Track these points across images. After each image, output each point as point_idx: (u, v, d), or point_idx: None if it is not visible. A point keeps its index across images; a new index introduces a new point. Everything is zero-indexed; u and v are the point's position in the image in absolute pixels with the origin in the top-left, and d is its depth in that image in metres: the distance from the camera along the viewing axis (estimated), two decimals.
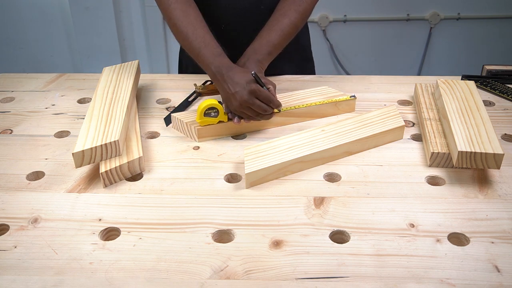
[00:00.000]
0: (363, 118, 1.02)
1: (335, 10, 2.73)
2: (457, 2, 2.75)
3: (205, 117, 0.99)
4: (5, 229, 0.78)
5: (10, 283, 0.68)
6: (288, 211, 0.82)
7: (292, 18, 1.13)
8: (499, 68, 1.32)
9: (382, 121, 1.01)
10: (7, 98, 1.23)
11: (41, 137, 1.05)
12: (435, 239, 0.75)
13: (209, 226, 0.78)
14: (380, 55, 2.88)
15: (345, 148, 0.96)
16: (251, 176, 0.87)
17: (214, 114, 0.99)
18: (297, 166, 0.91)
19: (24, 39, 2.92)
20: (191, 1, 1.12)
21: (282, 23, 1.12)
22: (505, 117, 1.12)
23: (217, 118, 0.99)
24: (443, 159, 0.93)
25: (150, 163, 0.96)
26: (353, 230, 0.77)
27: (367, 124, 1.00)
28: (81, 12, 2.78)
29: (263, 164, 0.88)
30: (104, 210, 0.83)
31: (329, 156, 0.94)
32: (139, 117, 1.13)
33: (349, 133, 0.97)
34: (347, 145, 0.95)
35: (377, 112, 1.04)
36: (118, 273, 0.70)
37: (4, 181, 0.90)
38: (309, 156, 0.92)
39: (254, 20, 1.20)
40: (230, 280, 0.68)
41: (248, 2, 1.22)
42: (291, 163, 0.90)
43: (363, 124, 1.00)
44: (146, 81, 1.32)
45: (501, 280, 0.68)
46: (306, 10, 1.15)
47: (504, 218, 0.79)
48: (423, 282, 0.68)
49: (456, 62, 2.93)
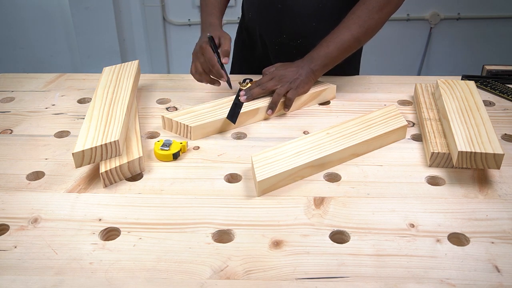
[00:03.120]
0: (366, 119, 1.02)
1: None
2: (457, 2, 2.76)
3: (160, 150, 0.97)
4: (5, 229, 0.78)
5: (10, 283, 0.68)
6: (288, 211, 0.82)
7: (355, 33, 1.13)
8: (499, 68, 1.32)
9: (385, 121, 1.01)
10: (7, 98, 1.23)
11: (41, 137, 1.05)
12: (435, 239, 0.75)
13: (209, 226, 0.78)
14: (380, 55, 2.88)
15: (352, 151, 0.95)
16: (263, 183, 0.85)
17: (167, 148, 0.97)
18: (307, 171, 0.90)
19: (24, 39, 2.93)
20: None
21: (343, 37, 1.13)
22: (505, 117, 1.12)
23: (169, 151, 0.97)
24: (443, 159, 0.93)
25: (150, 163, 0.96)
26: (353, 230, 0.77)
27: (371, 125, 1.00)
28: (81, 12, 2.78)
29: (274, 170, 0.86)
30: (104, 210, 0.83)
31: (337, 159, 0.94)
32: (139, 117, 1.13)
33: (355, 135, 0.97)
34: (354, 147, 0.95)
35: (379, 112, 1.04)
36: (118, 273, 0.70)
37: (4, 181, 0.90)
38: (319, 160, 0.91)
39: (273, 17, 1.28)
40: (230, 280, 0.68)
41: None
42: (301, 168, 0.89)
43: (367, 125, 1.00)
44: (146, 81, 1.32)
45: (501, 280, 0.68)
46: (372, 27, 1.14)
47: (504, 218, 0.79)
48: (423, 282, 0.68)
49: (456, 62, 2.94)
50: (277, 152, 0.91)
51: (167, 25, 2.87)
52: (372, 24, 1.14)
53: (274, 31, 1.30)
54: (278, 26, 1.29)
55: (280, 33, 1.30)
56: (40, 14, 2.84)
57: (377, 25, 1.15)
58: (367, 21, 1.13)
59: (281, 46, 1.31)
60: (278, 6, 1.25)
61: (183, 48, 2.93)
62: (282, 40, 1.31)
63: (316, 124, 1.08)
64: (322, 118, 1.12)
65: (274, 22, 1.28)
